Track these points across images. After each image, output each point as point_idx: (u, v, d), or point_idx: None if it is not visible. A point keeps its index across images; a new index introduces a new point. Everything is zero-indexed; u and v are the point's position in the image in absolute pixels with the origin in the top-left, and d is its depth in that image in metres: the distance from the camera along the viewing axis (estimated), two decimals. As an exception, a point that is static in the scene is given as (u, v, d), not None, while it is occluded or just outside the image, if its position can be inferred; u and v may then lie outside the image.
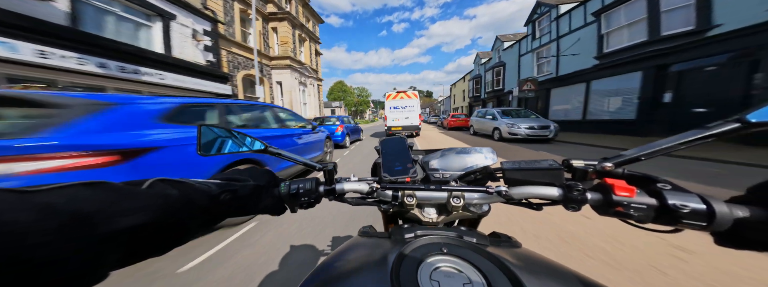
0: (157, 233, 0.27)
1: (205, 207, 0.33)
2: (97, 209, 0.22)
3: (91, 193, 0.23)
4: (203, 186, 0.35)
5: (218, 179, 0.40)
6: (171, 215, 0.28)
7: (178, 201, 0.29)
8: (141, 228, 0.24)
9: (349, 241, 0.48)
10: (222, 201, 0.36)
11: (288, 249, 1.87)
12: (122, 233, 0.23)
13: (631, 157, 0.37)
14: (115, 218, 0.23)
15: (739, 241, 0.31)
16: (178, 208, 0.29)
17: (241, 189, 0.39)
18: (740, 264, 1.56)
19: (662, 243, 1.84)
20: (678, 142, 0.34)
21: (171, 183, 0.31)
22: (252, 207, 0.41)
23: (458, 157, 0.58)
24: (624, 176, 0.39)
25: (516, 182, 0.43)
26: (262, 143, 0.50)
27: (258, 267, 1.68)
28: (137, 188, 0.27)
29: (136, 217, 0.24)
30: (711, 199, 0.31)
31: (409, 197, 0.45)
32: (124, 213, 0.24)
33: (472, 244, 0.38)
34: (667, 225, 0.33)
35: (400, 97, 11.57)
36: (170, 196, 0.29)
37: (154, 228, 0.26)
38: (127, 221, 0.23)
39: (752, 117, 0.30)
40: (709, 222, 0.30)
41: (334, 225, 2.28)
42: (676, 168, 4.15)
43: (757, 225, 0.29)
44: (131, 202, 0.25)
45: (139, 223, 0.24)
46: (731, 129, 0.31)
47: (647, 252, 1.74)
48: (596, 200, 0.36)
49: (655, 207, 0.33)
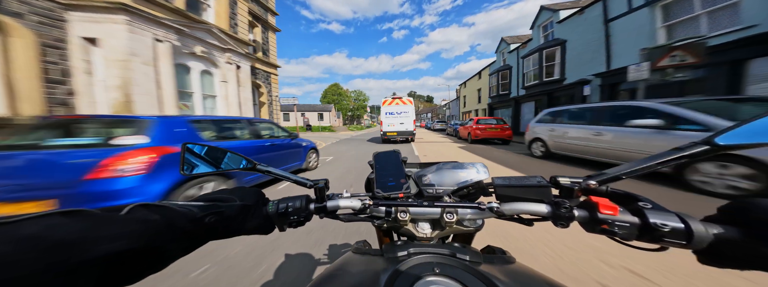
0: (136, 259, 0.26)
1: (188, 231, 0.32)
2: (75, 237, 0.22)
3: (68, 221, 0.23)
4: (185, 209, 0.34)
5: (203, 201, 0.38)
6: (151, 240, 0.27)
7: (158, 226, 0.29)
8: (119, 254, 0.24)
9: (342, 258, 0.48)
10: (206, 224, 0.35)
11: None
12: (99, 260, 0.23)
13: (614, 175, 0.39)
14: (94, 245, 0.23)
15: (719, 259, 0.32)
16: (159, 233, 0.28)
17: (228, 210, 0.38)
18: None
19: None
20: (655, 162, 0.36)
21: (151, 208, 0.30)
22: (239, 228, 0.40)
23: (452, 172, 0.56)
24: (607, 194, 0.40)
25: (507, 198, 0.44)
26: (250, 161, 0.51)
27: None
28: (115, 215, 0.27)
29: (115, 244, 0.24)
30: (688, 218, 0.33)
31: (402, 213, 0.45)
32: (103, 241, 0.23)
33: (465, 263, 0.37)
34: (651, 243, 0.34)
35: (396, 103, 12.03)
36: (151, 221, 0.28)
37: (132, 254, 0.25)
38: (104, 248, 0.23)
39: (721, 140, 0.33)
40: (689, 240, 0.31)
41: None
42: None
43: (731, 243, 0.30)
44: (109, 229, 0.24)
45: (118, 250, 0.24)
46: (701, 151, 0.34)
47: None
48: (583, 218, 0.37)
49: (638, 226, 0.34)
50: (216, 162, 0.49)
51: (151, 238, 0.27)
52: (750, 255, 0.29)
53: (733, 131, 0.32)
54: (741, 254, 0.30)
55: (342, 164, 6.17)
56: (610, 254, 1.78)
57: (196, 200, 0.39)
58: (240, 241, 2.06)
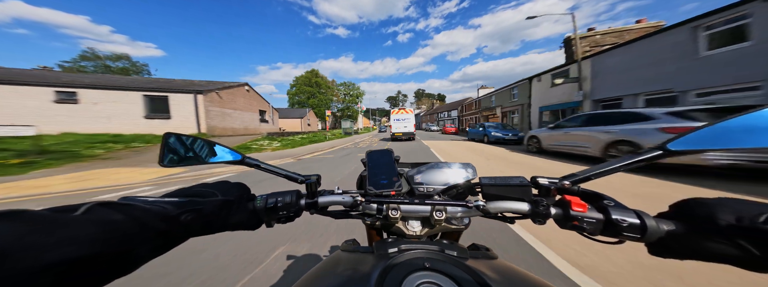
0: (97, 265, 0.23)
1: (162, 231, 0.30)
2: (13, 245, 0.18)
3: (5, 226, 0.19)
4: (157, 207, 0.31)
5: (179, 196, 0.36)
6: (114, 243, 0.24)
7: (122, 227, 0.26)
8: (74, 261, 0.21)
9: (331, 256, 0.47)
10: (182, 222, 0.33)
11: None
12: (49, 269, 0.19)
13: (584, 176, 0.43)
14: (40, 253, 0.19)
15: (665, 251, 0.35)
16: (124, 234, 0.26)
17: (207, 206, 0.36)
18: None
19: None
20: (619, 165, 0.40)
21: (114, 206, 0.27)
22: (221, 224, 0.39)
23: (442, 171, 0.58)
24: (578, 193, 0.43)
25: (492, 197, 0.46)
26: (239, 153, 0.50)
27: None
28: (68, 216, 0.23)
29: (67, 250, 0.21)
30: (643, 214, 0.36)
31: (393, 211, 0.46)
32: (51, 247, 0.20)
33: (453, 258, 0.38)
34: (611, 237, 0.37)
35: (402, 112, 18.45)
36: (112, 222, 0.25)
37: (91, 260, 0.22)
38: (54, 255, 0.20)
39: (672, 146, 0.36)
40: (643, 234, 0.34)
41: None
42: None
43: (678, 236, 0.33)
44: (60, 232, 0.21)
45: (72, 256, 0.21)
46: (655, 156, 0.37)
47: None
48: (558, 215, 0.41)
49: (603, 221, 0.37)
50: (200, 154, 0.47)
51: (115, 241, 0.24)
52: (690, 247, 0.32)
53: (682, 138, 0.36)
54: (683, 246, 0.33)
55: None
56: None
57: (172, 195, 0.37)
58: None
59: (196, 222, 0.35)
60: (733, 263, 0.30)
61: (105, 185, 4.85)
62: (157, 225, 0.29)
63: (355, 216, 0.50)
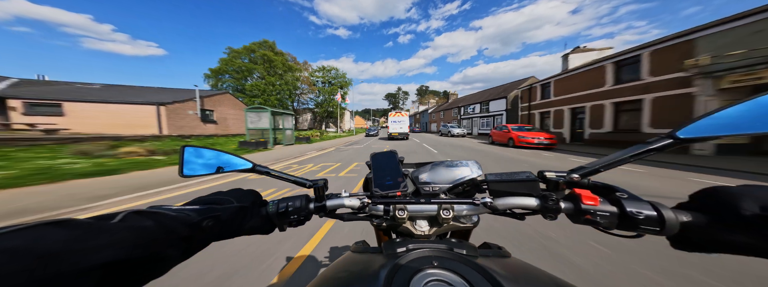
0: (133, 267, 0.25)
1: (186, 236, 0.32)
2: (63, 248, 0.21)
3: (56, 232, 0.22)
4: (182, 214, 0.33)
5: (199, 204, 0.39)
6: (147, 247, 0.27)
7: (154, 233, 0.28)
8: (114, 264, 0.23)
9: (341, 257, 0.48)
10: (204, 228, 0.35)
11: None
12: (94, 270, 0.22)
13: (593, 169, 0.41)
14: (85, 255, 0.22)
15: (689, 244, 0.33)
16: (155, 239, 0.28)
17: (224, 213, 0.38)
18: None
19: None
20: (628, 155, 0.38)
21: (145, 214, 0.30)
22: (237, 229, 0.40)
23: (447, 170, 0.58)
24: (588, 186, 0.42)
25: (499, 194, 0.45)
26: (249, 161, 0.51)
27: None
28: (107, 223, 0.26)
29: (108, 253, 0.23)
30: (660, 206, 0.34)
31: (400, 211, 0.46)
32: (94, 250, 0.22)
33: (462, 256, 0.38)
34: (629, 231, 0.36)
35: (398, 115, 21.92)
36: (145, 228, 0.28)
37: (128, 262, 0.25)
38: (97, 258, 0.22)
39: (681, 134, 0.35)
40: (661, 227, 0.33)
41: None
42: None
43: (700, 228, 0.32)
44: (101, 238, 0.24)
45: (112, 259, 0.23)
46: (665, 144, 0.36)
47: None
48: (568, 209, 0.39)
49: (617, 215, 0.36)
50: (215, 164, 0.49)
51: (146, 245, 0.27)
52: (714, 240, 0.31)
53: (691, 125, 0.34)
54: (707, 239, 0.31)
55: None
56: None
57: (192, 203, 0.39)
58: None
59: (215, 228, 0.37)
60: (763, 255, 0.28)
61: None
62: (182, 230, 0.31)
63: (362, 217, 0.51)
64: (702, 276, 1.66)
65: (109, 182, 4.80)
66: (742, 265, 1.74)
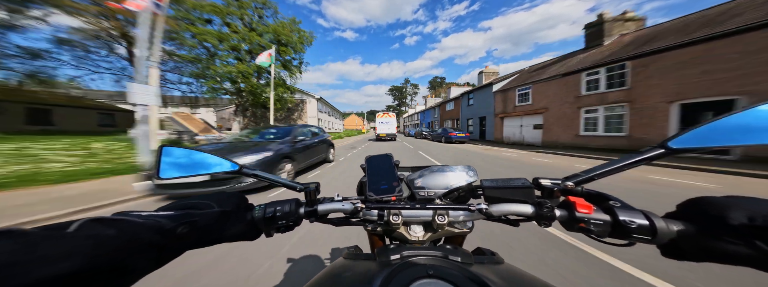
0: (95, 279, 0.24)
1: (157, 244, 0.30)
2: (8, 260, 0.19)
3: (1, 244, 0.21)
4: (151, 221, 0.31)
5: (174, 210, 0.36)
6: (108, 258, 0.25)
7: (115, 242, 0.26)
8: (71, 275, 0.22)
9: (333, 264, 0.46)
10: (178, 235, 0.33)
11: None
12: (46, 284, 0.21)
13: (587, 177, 0.41)
14: (36, 267, 0.20)
15: (678, 253, 0.34)
16: (118, 249, 0.26)
17: (202, 218, 0.36)
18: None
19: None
20: (622, 164, 0.39)
21: (106, 222, 0.28)
22: (217, 236, 0.38)
23: (442, 175, 0.56)
24: (582, 194, 0.42)
25: (495, 200, 0.45)
26: (236, 163, 0.49)
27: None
28: (60, 233, 0.24)
29: (63, 265, 0.22)
30: (652, 215, 0.35)
31: (394, 216, 0.45)
32: (46, 262, 0.21)
33: (457, 264, 0.38)
34: (621, 239, 0.36)
35: (386, 116, 22.00)
36: (105, 237, 0.26)
37: (89, 274, 0.23)
38: (50, 270, 0.21)
39: (673, 144, 0.35)
40: (653, 236, 0.33)
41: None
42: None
43: (689, 238, 0.32)
44: (54, 248, 0.22)
45: (63, 272, 0.21)
46: (656, 154, 0.36)
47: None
48: (563, 217, 0.40)
49: (610, 223, 0.36)
50: (197, 166, 0.46)
51: (108, 255, 0.25)
52: (704, 249, 0.31)
53: (682, 136, 0.35)
54: (696, 248, 0.32)
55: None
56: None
57: (167, 208, 0.37)
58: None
59: (192, 235, 0.34)
60: (750, 264, 0.29)
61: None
62: (151, 238, 0.29)
63: (355, 222, 0.49)
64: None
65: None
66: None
